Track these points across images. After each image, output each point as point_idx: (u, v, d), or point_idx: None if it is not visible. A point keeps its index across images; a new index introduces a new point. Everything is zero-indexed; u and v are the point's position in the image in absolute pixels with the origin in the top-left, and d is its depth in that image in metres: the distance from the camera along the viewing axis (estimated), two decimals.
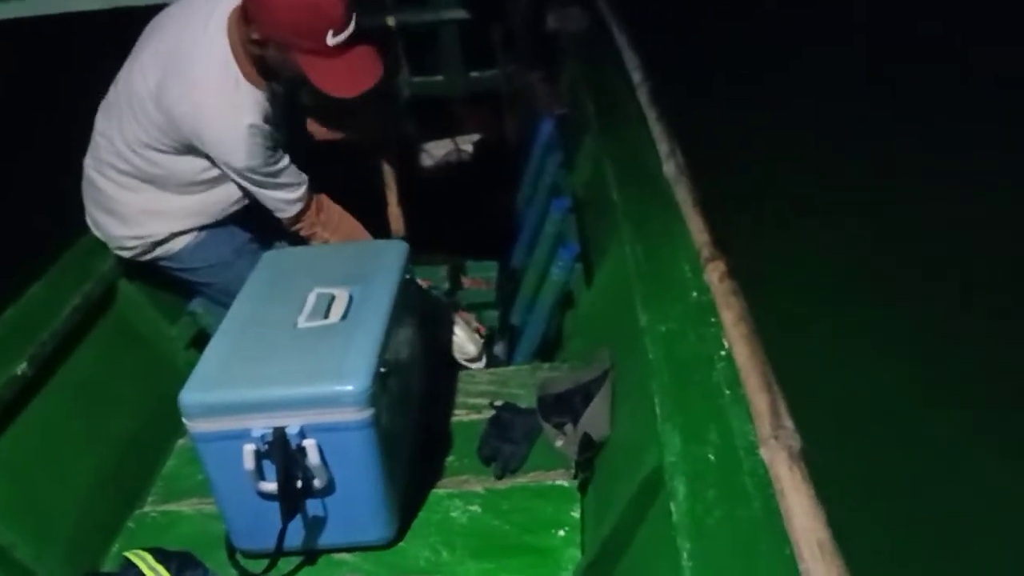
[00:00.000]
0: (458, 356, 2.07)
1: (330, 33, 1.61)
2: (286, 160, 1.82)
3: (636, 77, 2.32)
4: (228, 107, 1.70)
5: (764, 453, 1.09)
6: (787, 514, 1.00)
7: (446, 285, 2.39)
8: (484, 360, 2.10)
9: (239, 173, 1.78)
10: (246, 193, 1.88)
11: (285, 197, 1.86)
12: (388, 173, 2.28)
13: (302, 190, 1.87)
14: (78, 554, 1.56)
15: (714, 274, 1.46)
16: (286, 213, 1.89)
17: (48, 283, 1.84)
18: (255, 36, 1.65)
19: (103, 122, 1.87)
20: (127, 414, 1.83)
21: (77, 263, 1.92)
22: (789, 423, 1.11)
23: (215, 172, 1.82)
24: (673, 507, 1.07)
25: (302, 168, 1.87)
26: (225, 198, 1.90)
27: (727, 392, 1.22)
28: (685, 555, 1.00)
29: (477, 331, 2.16)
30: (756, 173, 3.76)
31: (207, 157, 1.78)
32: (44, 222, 2.19)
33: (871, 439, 2.38)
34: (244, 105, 1.71)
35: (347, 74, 1.68)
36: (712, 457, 1.12)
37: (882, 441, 2.39)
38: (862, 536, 1.18)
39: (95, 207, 1.94)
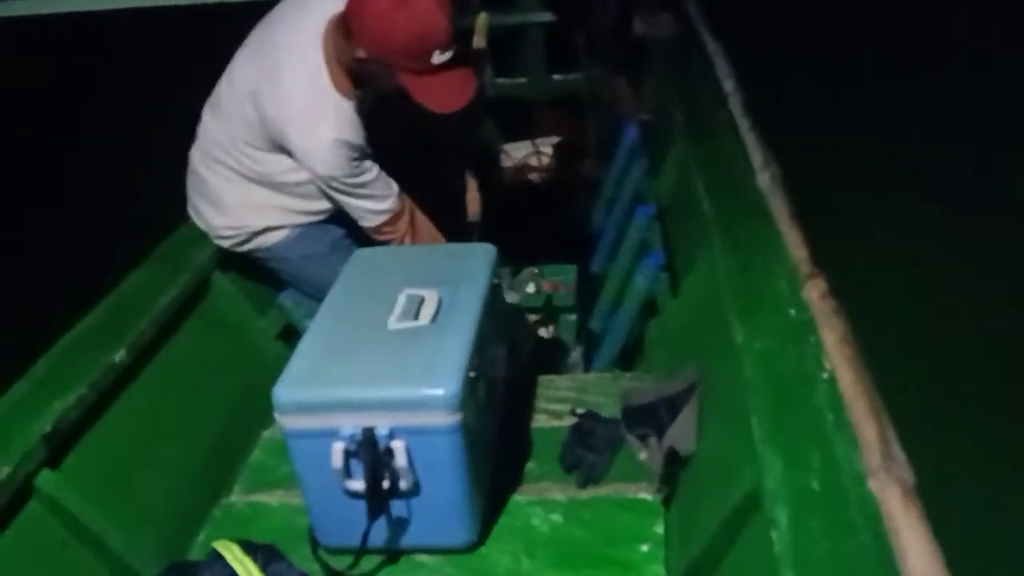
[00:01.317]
0: None
1: (436, 54, 1.66)
2: (375, 171, 1.85)
3: (728, 86, 2.27)
4: (314, 117, 1.74)
5: (873, 485, 1.05)
6: (901, 553, 0.95)
7: (527, 288, 2.38)
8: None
9: (323, 180, 1.82)
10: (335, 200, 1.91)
11: (372, 207, 1.89)
12: (470, 163, 2.32)
13: (390, 201, 1.90)
14: (167, 542, 1.60)
15: (814, 292, 1.42)
16: (371, 222, 1.92)
17: (147, 272, 1.89)
18: (360, 54, 1.69)
19: (208, 117, 1.93)
20: (216, 404, 1.86)
21: (175, 254, 1.97)
22: (900, 454, 1.07)
23: (307, 175, 1.86)
24: (774, 535, 1.04)
25: (392, 171, 1.89)
26: (321, 203, 1.94)
27: (830, 416, 1.18)
28: None
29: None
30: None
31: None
32: (146, 211, 2.24)
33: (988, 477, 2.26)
34: (330, 116, 1.75)
35: (446, 90, 1.73)
36: (816, 485, 1.09)
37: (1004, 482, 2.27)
38: None
39: (198, 196, 2.00)
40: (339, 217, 1.98)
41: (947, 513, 1.05)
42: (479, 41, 2.39)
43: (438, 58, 1.67)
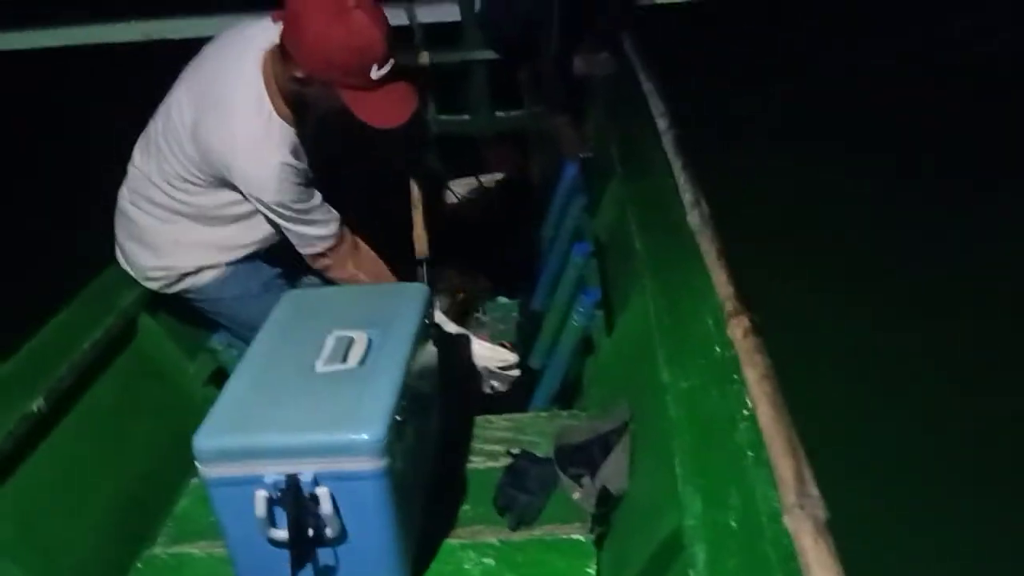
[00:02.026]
0: (493, 365, 2.06)
1: (374, 68, 1.67)
2: (318, 197, 1.85)
3: (662, 124, 2.31)
4: (260, 143, 1.74)
5: (788, 522, 1.05)
6: None
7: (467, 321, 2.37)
8: (517, 370, 2.10)
9: (269, 208, 1.80)
10: (277, 229, 1.90)
11: (315, 233, 1.88)
12: (415, 197, 2.32)
13: (333, 227, 1.89)
14: None
15: (738, 329, 1.43)
16: (314, 248, 1.90)
17: (69, 315, 1.85)
18: (298, 74, 1.69)
19: (140, 156, 1.91)
20: (141, 451, 1.82)
21: (99, 296, 1.93)
22: (815, 491, 1.07)
23: (248, 207, 1.85)
24: (692, 574, 1.04)
25: (336, 201, 1.89)
26: (257, 234, 1.93)
27: (750, 454, 1.19)
28: None
29: (503, 345, 2.17)
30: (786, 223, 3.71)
31: (240, 191, 1.80)
32: (69, 253, 2.19)
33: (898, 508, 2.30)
34: (276, 142, 1.75)
35: (388, 105, 1.74)
36: (734, 523, 1.09)
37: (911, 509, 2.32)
38: None
39: (127, 237, 1.96)
40: (272, 255, 1.97)
41: (861, 551, 1.06)
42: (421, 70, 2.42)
43: (376, 72, 1.68)
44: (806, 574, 0.98)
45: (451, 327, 2.10)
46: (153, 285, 1.96)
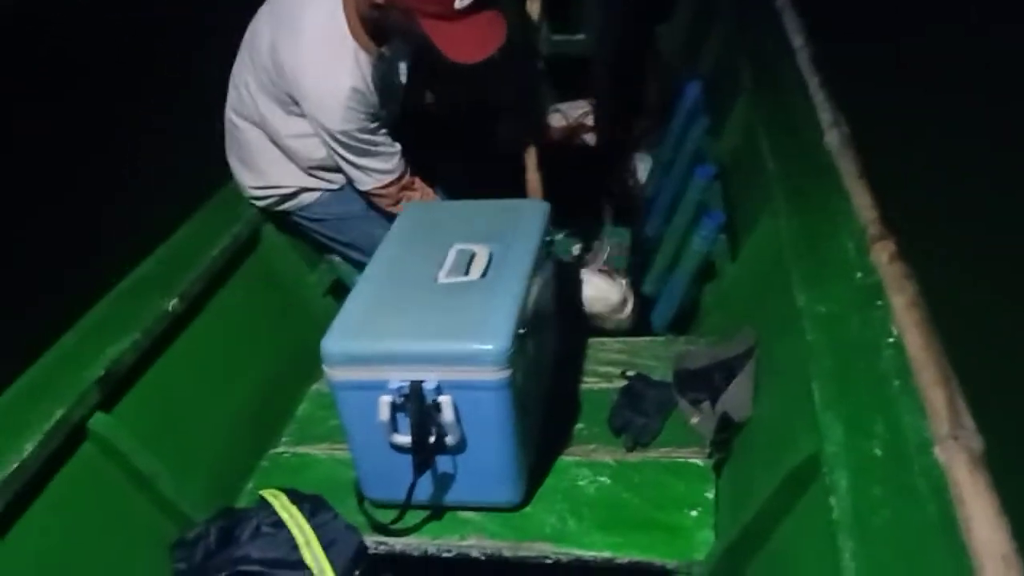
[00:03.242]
0: (600, 307, 2.03)
1: None
2: (382, 129, 1.81)
3: (796, 41, 2.17)
4: (332, 66, 1.70)
5: (940, 453, 0.99)
6: (966, 523, 0.90)
7: (581, 250, 2.33)
8: (628, 309, 2.04)
9: (332, 136, 1.77)
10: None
11: (375, 166, 1.84)
12: (528, 139, 2.21)
13: (394, 161, 1.85)
14: (215, 488, 1.62)
15: (883, 254, 1.35)
16: (373, 183, 1.86)
17: (199, 223, 1.90)
18: (378, 0, 1.63)
19: (237, 73, 1.91)
20: (265, 356, 1.87)
21: (226, 205, 1.97)
22: (970, 423, 1.01)
23: (317, 140, 1.82)
24: (833, 501, 1.00)
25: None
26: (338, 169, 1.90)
27: (896, 383, 1.12)
28: (847, 555, 0.92)
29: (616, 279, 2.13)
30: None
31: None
32: (197, 165, 2.24)
33: None
34: (347, 65, 1.70)
35: (472, 38, 1.63)
36: (879, 452, 1.04)
37: None
38: None
39: (233, 155, 1.99)
40: None
41: (1018, 485, 1.00)
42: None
43: (460, 2, 1.58)
44: (960, 507, 0.93)
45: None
46: (259, 204, 1.98)
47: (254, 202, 1.98)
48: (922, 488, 0.97)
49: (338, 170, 1.91)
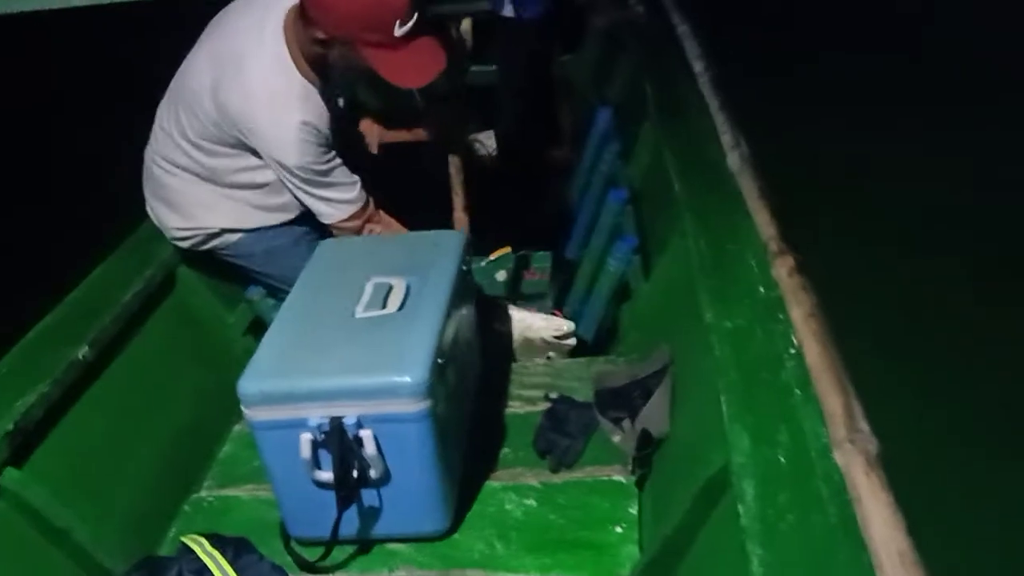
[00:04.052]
0: (549, 336, 2.04)
1: (397, 24, 1.61)
2: (338, 160, 1.81)
3: (698, 65, 2.26)
4: (281, 103, 1.70)
5: (839, 457, 1.04)
6: (864, 522, 0.95)
7: (504, 276, 2.35)
8: (574, 339, 2.08)
9: (289, 171, 1.77)
10: (298, 198, 1.86)
11: (337, 197, 1.84)
12: (455, 175, 2.19)
13: (355, 191, 1.86)
14: (135, 537, 1.58)
15: (782, 269, 1.41)
16: (337, 215, 1.87)
17: (110, 267, 1.86)
18: (319, 35, 1.65)
19: (164, 115, 1.89)
20: (184, 398, 1.84)
21: (139, 248, 1.94)
22: (865, 426, 1.06)
23: (270, 175, 1.82)
24: (741, 509, 1.03)
25: (358, 172, 1.86)
26: (279, 200, 1.90)
27: (798, 392, 1.17)
28: (756, 560, 0.96)
29: (555, 314, 2.19)
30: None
31: (260, 156, 1.78)
32: (107, 209, 2.20)
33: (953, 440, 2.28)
34: (297, 102, 1.71)
35: (414, 64, 1.67)
36: (783, 459, 1.08)
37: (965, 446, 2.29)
38: (946, 548, 1.11)
39: (153, 197, 1.96)
40: (299, 217, 1.94)
41: (912, 483, 1.05)
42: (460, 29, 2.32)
43: (399, 29, 1.61)
44: (857, 507, 0.97)
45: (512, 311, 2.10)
46: (182, 244, 1.96)
47: (177, 243, 1.96)
48: (823, 491, 1.02)
49: (278, 209, 1.91)
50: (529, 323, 2.08)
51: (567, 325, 2.08)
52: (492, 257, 2.63)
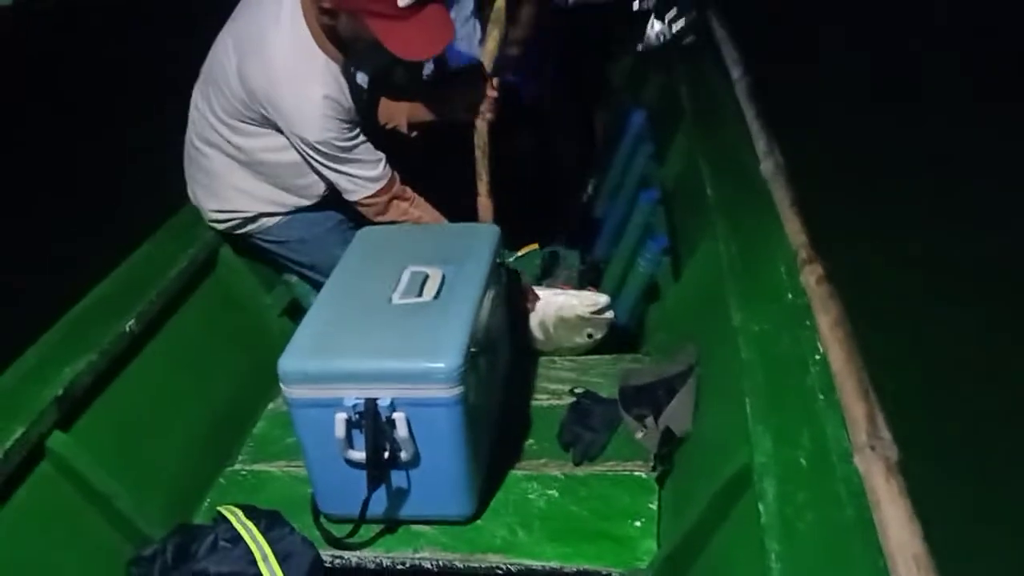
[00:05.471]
0: (585, 312, 2.00)
1: None
2: (362, 137, 1.82)
3: (735, 72, 2.28)
4: (302, 78, 1.72)
5: (859, 462, 1.08)
6: (882, 526, 0.98)
7: (536, 272, 2.37)
8: (611, 312, 2.03)
9: (313, 148, 1.78)
10: (327, 180, 1.88)
11: (362, 174, 1.85)
12: (480, 158, 2.17)
13: (380, 168, 1.86)
14: (173, 506, 1.64)
15: (811, 276, 1.44)
16: (363, 192, 1.87)
17: (155, 247, 1.92)
18: (325, 4, 1.65)
19: (197, 97, 1.92)
20: (222, 375, 1.90)
21: (184, 228, 2.00)
22: (887, 434, 1.09)
23: (297, 156, 1.84)
24: (762, 507, 1.07)
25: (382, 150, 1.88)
26: (311, 182, 1.92)
27: (821, 397, 1.21)
28: (773, 556, 1.00)
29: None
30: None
31: (285, 134, 1.80)
32: (157, 187, 2.26)
33: (975, 452, 2.30)
34: (317, 75, 1.73)
35: (419, 36, 1.65)
36: (804, 461, 1.12)
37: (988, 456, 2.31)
38: (961, 554, 1.14)
39: (192, 180, 2.01)
40: (332, 202, 1.98)
41: (931, 490, 1.09)
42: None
43: (403, 0, 1.59)
44: (876, 511, 1.01)
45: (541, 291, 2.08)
46: (220, 227, 2.01)
47: (215, 225, 2.01)
48: (842, 494, 1.05)
49: (307, 190, 1.93)
50: (562, 303, 2.03)
51: (602, 299, 2.02)
52: (520, 253, 2.65)
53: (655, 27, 2.82)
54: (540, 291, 2.08)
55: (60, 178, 4.52)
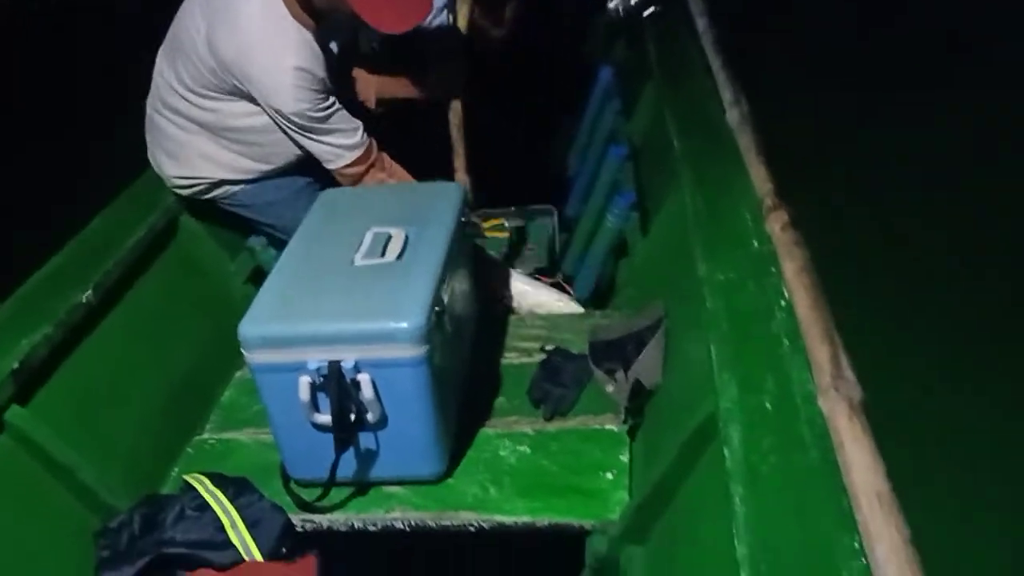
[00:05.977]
0: (559, 309, 2.06)
1: None
2: (337, 105, 1.80)
3: (701, 24, 2.25)
4: (274, 48, 1.69)
5: (823, 403, 1.07)
6: (845, 466, 0.98)
7: (504, 250, 2.35)
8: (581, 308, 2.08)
9: (287, 119, 1.76)
10: (300, 147, 1.86)
11: (339, 143, 1.83)
12: (456, 134, 2.19)
13: (358, 136, 1.84)
14: (138, 477, 1.61)
15: (776, 224, 1.43)
16: (342, 160, 1.85)
17: (113, 213, 1.88)
18: None
19: (162, 64, 1.88)
20: (186, 344, 1.87)
21: (142, 195, 1.96)
22: (850, 374, 1.09)
23: (268, 120, 1.81)
24: (727, 452, 1.07)
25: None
26: (279, 148, 1.89)
27: (786, 342, 1.20)
28: (737, 500, 0.99)
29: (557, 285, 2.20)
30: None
31: (260, 104, 1.77)
32: (112, 155, 2.21)
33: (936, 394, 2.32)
34: (290, 45, 1.70)
35: (395, 8, 1.64)
36: (769, 406, 1.11)
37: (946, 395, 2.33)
38: (924, 491, 1.14)
39: (155, 146, 1.97)
40: (302, 165, 1.95)
41: (896, 432, 1.08)
42: None
43: None
44: (839, 451, 1.00)
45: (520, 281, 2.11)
46: (183, 192, 1.97)
47: (179, 191, 1.97)
48: (806, 436, 1.05)
49: (277, 155, 1.90)
50: (536, 298, 2.08)
51: (574, 304, 2.07)
52: (486, 227, 2.60)
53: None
54: (515, 282, 2.10)
55: (10, 147, 4.39)
